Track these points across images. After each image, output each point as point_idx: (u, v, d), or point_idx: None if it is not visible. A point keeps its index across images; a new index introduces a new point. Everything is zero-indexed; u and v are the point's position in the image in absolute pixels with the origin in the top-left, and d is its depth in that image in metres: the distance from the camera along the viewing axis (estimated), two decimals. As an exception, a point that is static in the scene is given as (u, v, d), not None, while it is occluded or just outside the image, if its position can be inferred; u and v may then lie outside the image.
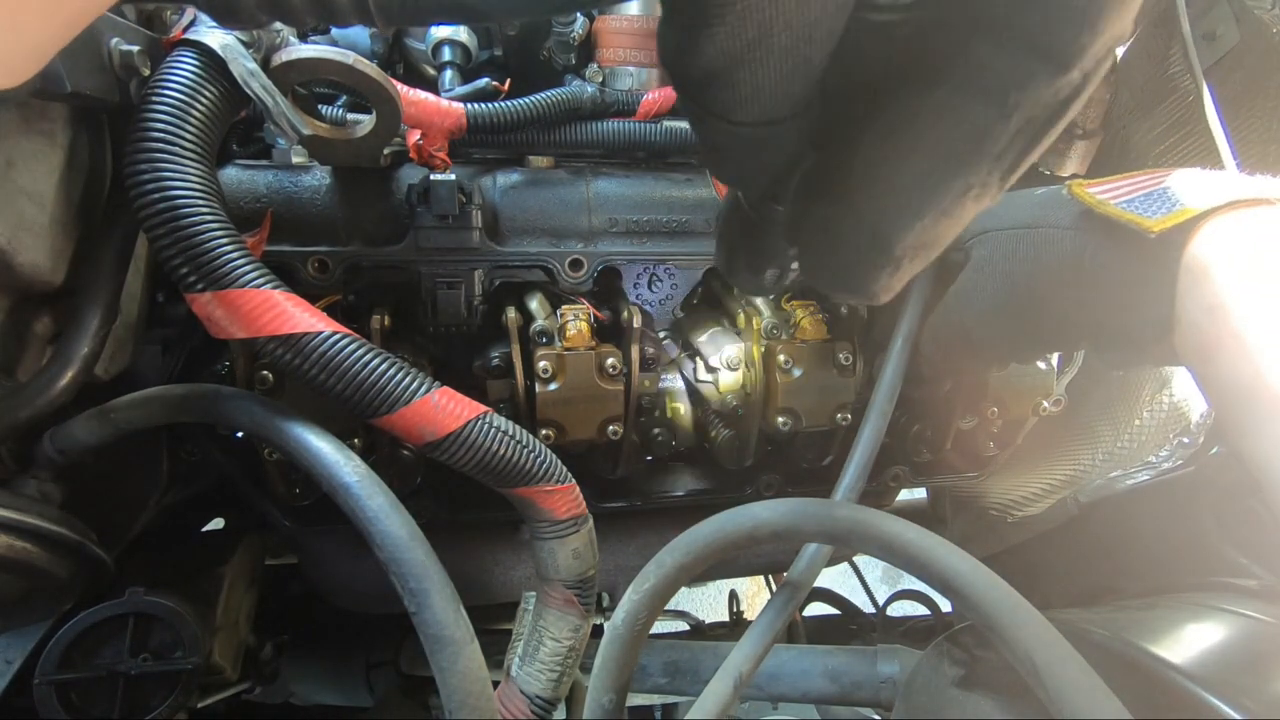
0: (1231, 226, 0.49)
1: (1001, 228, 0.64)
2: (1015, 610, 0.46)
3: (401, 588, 0.56)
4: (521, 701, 0.65)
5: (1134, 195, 0.53)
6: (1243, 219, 0.49)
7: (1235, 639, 0.55)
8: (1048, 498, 1.07)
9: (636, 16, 0.87)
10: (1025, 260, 0.61)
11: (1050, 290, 0.60)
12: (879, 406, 0.73)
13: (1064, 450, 1.06)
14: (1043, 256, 0.60)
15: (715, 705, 0.57)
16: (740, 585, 1.65)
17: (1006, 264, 0.63)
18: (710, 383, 0.91)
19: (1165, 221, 0.50)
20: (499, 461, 0.60)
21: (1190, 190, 0.51)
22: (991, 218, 0.66)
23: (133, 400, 0.65)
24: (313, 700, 1.22)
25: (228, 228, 0.55)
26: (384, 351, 0.58)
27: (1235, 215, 0.49)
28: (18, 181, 0.52)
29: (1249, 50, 0.84)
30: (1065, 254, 0.58)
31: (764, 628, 0.62)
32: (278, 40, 0.63)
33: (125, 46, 0.55)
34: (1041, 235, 0.60)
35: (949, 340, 0.73)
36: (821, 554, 0.69)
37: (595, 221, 0.82)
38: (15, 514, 0.57)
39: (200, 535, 1.08)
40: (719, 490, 1.03)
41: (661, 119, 0.87)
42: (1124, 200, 0.53)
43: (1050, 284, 0.60)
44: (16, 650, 0.76)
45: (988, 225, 0.66)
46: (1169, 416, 0.95)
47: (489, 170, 0.83)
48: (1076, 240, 0.57)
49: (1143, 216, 0.51)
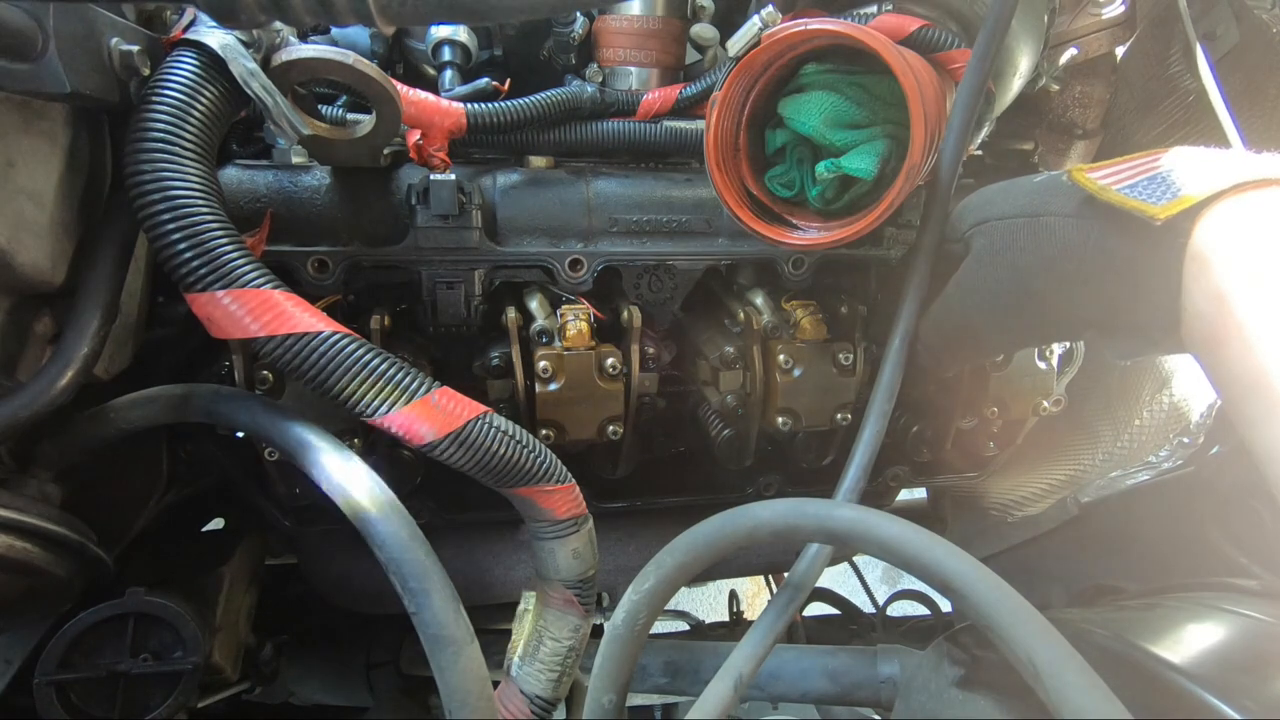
0: (1237, 211, 0.47)
1: (1002, 217, 0.63)
2: (1015, 610, 0.46)
3: (401, 588, 0.56)
4: (521, 701, 0.65)
5: (1136, 179, 0.52)
6: (1248, 203, 0.47)
7: (1235, 639, 0.55)
8: (1048, 498, 1.07)
9: (636, 16, 0.87)
10: (1026, 250, 0.60)
11: (1053, 280, 0.59)
12: (878, 406, 0.73)
13: (1064, 450, 1.06)
14: (1044, 246, 0.58)
15: (715, 705, 0.57)
16: (740, 585, 1.65)
17: (1008, 254, 0.62)
18: (710, 383, 0.91)
19: (1170, 208, 0.48)
20: (499, 461, 0.60)
21: (1195, 173, 0.50)
22: (992, 207, 0.65)
23: (133, 400, 0.65)
24: (313, 700, 1.22)
25: (228, 228, 0.55)
26: (384, 351, 0.58)
27: (1241, 199, 0.47)
28: (18, 181, 0.52)
29: (1249, 50, 0.84)
30: (1068, 243, 0.57)
31: (765, 628, 0.62)
32: (278, 40, 0.63)
33: (125, 46, 0.55)
34: (1043, 224, 0.59)
35: (950, 332, 0.72)
36: (822, 555, 0.69)
37: (595, 221, 0.82)
38: (15, 514, 0.57)
39: (200, 535, 1.08)
40: (719, 490, 1.03)
41: (661, 119, 0.87)
42: (1126, 185, 0.52)
43: (1053, 273, 0.59)
44: (16, 650, 0.76)
45: (988, 215, 0.65)
46: (1169, 416, 0.95)
47: (489, 170, 0.83)
48: (1079, 228, 0.56)
49: (1146, 203, 0.49)
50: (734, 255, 0.87)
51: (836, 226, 0.72)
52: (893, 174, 0.68)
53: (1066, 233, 0.57)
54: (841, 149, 0.69)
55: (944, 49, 0.72)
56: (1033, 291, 0.61)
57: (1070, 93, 0.95)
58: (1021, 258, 0.61)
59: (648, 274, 0.85)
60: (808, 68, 0.72)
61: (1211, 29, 0.86)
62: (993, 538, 1.12)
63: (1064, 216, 0.57)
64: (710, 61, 0.94)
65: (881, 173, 0.68)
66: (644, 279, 0.86)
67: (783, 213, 0.77)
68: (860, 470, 0.71)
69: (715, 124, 0.73)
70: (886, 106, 0.70)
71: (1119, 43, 0.90)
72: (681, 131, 0.87)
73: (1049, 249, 0.58)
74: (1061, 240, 0.57)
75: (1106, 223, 0.54)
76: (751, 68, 0.71)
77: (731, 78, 0.71)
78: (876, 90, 0.70)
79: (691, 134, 0.87)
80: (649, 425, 0.95)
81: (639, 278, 0.85)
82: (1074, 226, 0.56)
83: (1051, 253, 0.58)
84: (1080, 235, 0.56)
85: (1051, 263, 0.58)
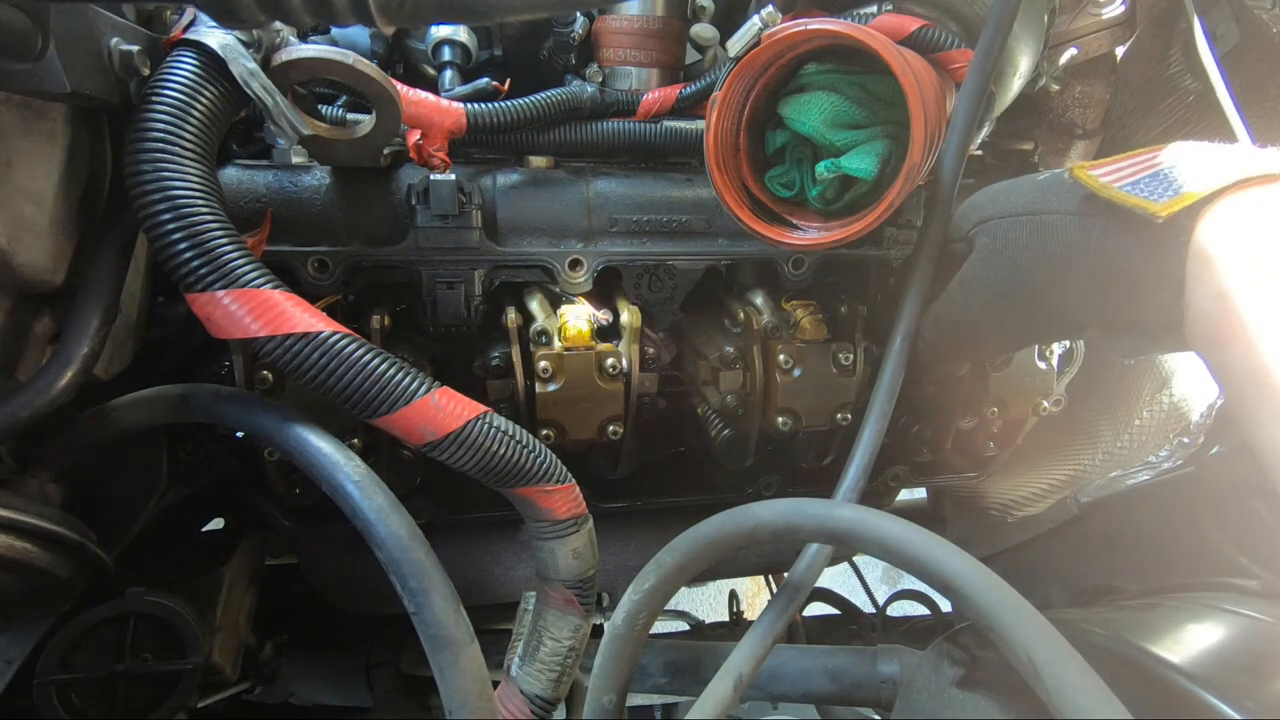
0: (1239, 208, 0.47)
1: (1005, 215, 0.63)
2: (1015, 610, 0.46)
3: (401, 588, 0.56)
4: (521, 701, 0.65)
5: (1138, 176, 0.52)
6: (1250, 200, 0.47)
7: (1235, 639, 0.55)
8: (1048, 498, 1.07)
9: (636, 16, 0.87)
10: (1028, 248, 0.60)
11: (1055, 278, 0.59)
12: (879, 407, 0.73)
13: (1064, 450, 1.06)
14: (1046, 244, 0.58)
15: (715, 705, 0.57)
16: (740, 585, 1.65)
17: (1010, 251, 0.62)
18: (710, 383, 0.91)
19: (1171, 205, 0.48)
20: (499, 461, 0.60)
21: (1196, 169, 0.49)
22: (995, 205, 0.65)
23: (133, 400, 0.65)
24: (313, 700, 1.22)
25: (228, 228, 0.55)
26: (384, 351, 0.58)
27: (1243, 196, 0.47)
28: (18, 181, 0.52)
29: (1249, 50, 0.84)
30: (1070, 240, 0.56)
31: (764, 629, 0.62)
32: (278, 40, 0.63)
33: (125, 46, 0.55)
34: (1044, 221, 0.58)
35: (951, 330, 0.72)
36: (822, 555, 0.69)
37: (595, 221, 0.82)
38: (15, 514, 0.57)
39: (200, 535, 1.08)
40: (719, 490, 1.03)
41: (661, 119, 0.87)
42: (1128, 183, 0.52)
43: (1055, 271, 0.58)
44: (16, 650, 0.76)
45: (990, 213, 0.65)
46: (1169, 416, 0.95)
47: (489, 170, 0.83)
48: (1080, 226, 0.56)
49: (1148, 200, 0.49)
50: (734, 255, 0.87)
51: (836, 226, 0.73)
52: (893, 174, 0.68)
53: (1068, 230, 0.57)
54: (841, 149, 0.69)
55: (944, 49, 0.72)
56: (1034, 289, 0.61)
57: (1070, 93, 0.95)
58: (1023, 255, 0.60)
59: (648, 274, 0.85)
60: (808, 68, 0.72)
61: (1211, 29, 0.86)
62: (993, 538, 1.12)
63: (1066, 214, 0.57)
64: (710, 61, 0.94)
65: (881, 173, 0.68)
66: (644, 279, 0.86)
67: (783, 213, 0.77)
68: (860, 470, 0.71)
69: (715, 124, 0.73)
70: (886, 106, 0.70)
71: (1119, 43, 0.90)
72: (681, 131, 0.87)
73: (1050, 247, 0.58)
74: (1063, 238, 0.57)
75: (1108, 220, 0.54)
76: (751, 68, 0.71)
77: (731, 78, 0.71)
78: (876, 90, 0.70)
79: (691, 134, 0.87)
80: (649, 425, 0.95)
81: (639, 278, 0.85)
82: (1075, 224, 0.56)
83: (1053, 250, 0.58)
84: (1081, 233, 0.56)
85: (1053, 260, 0.58)
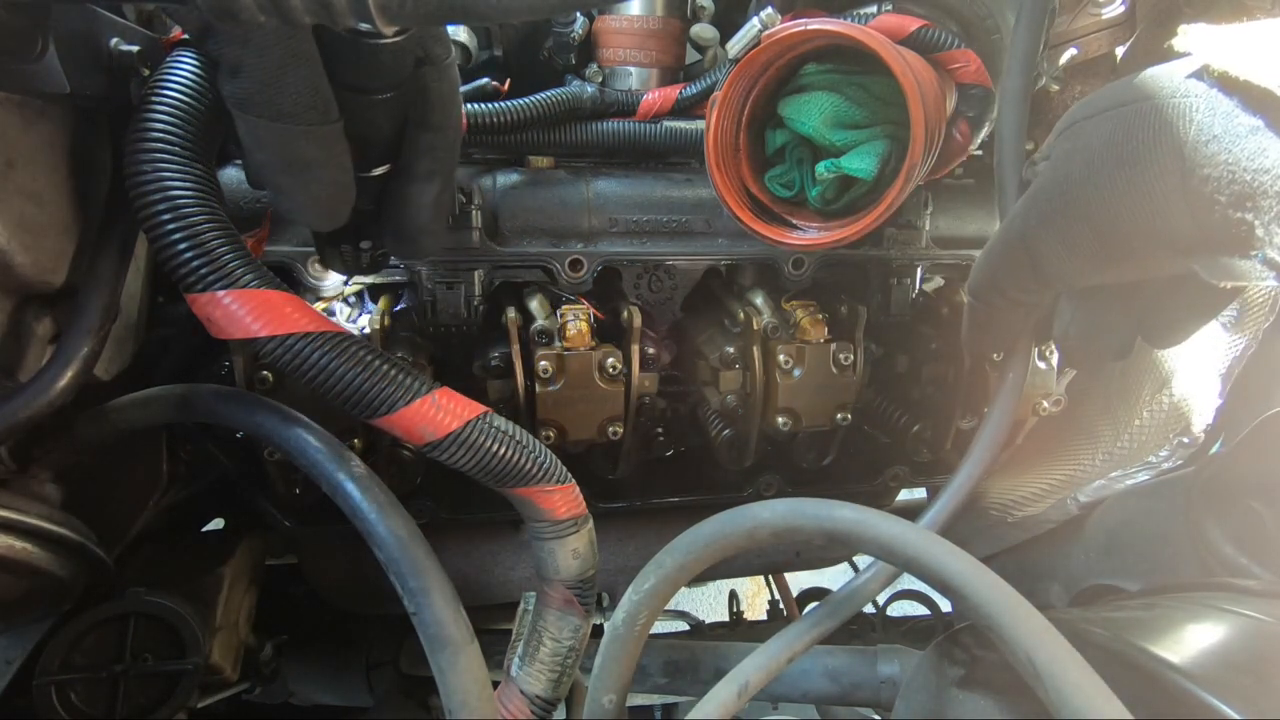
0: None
1: (1090, 115, 0.53)
2: (1015, 610, 0.46)
3: (401, 588, 0.56)
4: (521, 701, 0.65)
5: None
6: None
7: (1235, 639, 0.55)
8: (1048, 498, 1.07)
9: (636, 16, 0.87)
10: (1111, 143, 0.50)
11: (1136, 172, 0.48)
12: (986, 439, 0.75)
13: (1064, 450, 1.06)
14: (1135, 132, 0.48)
15: (716, 707, 0.57)
16: (740, 585, 1.65)
17: (1086, 151, 0.52)
18: (710, 383, 0.91)
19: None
20: (499, 462, 0.60)
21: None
22: (1083, 108, 0.55)
23: (133, 400, 0.65)
24: (313, 700, 1.22)
25: (227, 228, 0.55)
26: (384, 352, 0.58)
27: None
28: (18, 181, 0.52)
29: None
30: (1165, 124, 0.46)
31: (787, 642, 0.61)
32: (278, 40, 0.62)
33: (125, 46, 0.55)
34: (1135, 110, 0.48)
35: (1003, 254, 0.62)
36: (877, 579, 0.67)
37: (595, 222, 0.83)
38: (15, 514, 0.57)
39: (200, 535, 1.08)
40: (719, 490, 1.03)
41: (661, 119, 0.87)
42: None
43: (1137, 165, 0.48)
44: (16, 650, 0.76)
45: (1076, 115, 0.55)
46: (1169, 416, 0.95)
47: (489, 170, 0.83)
48: (1182, 110, 0.46)
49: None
50: (734, 255, 0.87)
51: (836, 226, 0.73)
52: (892, 174, 0.68)
53: (1165, 115, 0.46)
54: (841, 149, 0.69)
55: (944, 49, 0.72)
56: (1110, 187, 0.50)
57: (1070, 93, 0.95)
58: (1102, 150, 0.50)
59: (648, 274, 0.85)
60: (807, 68, 0.72)
61: (1212, 28, 0.85)
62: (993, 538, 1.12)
63: (1163, 98, 0.47)
64: (710, 61, 0.94)
65: (881, 173, 0.68)
66: (644, 279, 0.86)
67: (783, 213, 0.77)
68: (950, 506, 0.73)
69: (715, 124, 0.73)
70: (886, 107, 0.70)
71: (1119, 43, 0.90)
72: (681, 131, 0.87)
73: (1140, 134, 0.48)
74: (1156, 124, 0.47)
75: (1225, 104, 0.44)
76: (751, 68, 0.71)
77: (731, 78, 0.71)
78: (876, 90, 0.70)
79: (691, 134, 0.87)
80: (649, 425, 0.96)
81: (639, 278, 0.85)
82: (1175, 109, 0.46)
83: (1144, 138, 0.48)
84: (1181, 116, 0.45)
85: (1138, 153, 0.48)
